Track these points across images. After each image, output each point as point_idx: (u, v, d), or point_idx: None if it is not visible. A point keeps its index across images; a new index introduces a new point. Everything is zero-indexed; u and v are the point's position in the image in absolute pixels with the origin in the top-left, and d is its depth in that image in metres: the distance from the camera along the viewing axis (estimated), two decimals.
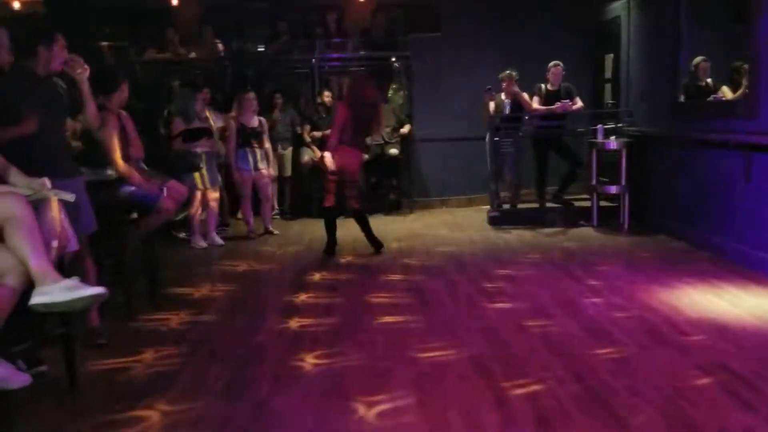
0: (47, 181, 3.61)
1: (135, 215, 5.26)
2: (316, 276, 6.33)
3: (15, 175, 3.54)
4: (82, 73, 4.26)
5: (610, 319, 4.82)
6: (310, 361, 4.19)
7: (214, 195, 7.77)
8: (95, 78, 5.10)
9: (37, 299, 3.10)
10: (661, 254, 6.81)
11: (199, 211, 7.72)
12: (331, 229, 7.14)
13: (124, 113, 5.33)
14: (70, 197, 3.61)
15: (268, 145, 8.27)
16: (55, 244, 3.48)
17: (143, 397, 3.71)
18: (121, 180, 5.10)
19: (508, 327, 4.75)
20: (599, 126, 8.35)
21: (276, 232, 8.35)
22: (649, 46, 8.43)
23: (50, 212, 3.48)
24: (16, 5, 9.76)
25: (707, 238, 6.74)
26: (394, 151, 9.63)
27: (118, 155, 5.08)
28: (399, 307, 5.27)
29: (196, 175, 7.46)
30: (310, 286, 5.96)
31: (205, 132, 7.58)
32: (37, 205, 3.40)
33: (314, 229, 7.90)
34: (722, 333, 4.48)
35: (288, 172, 9.51)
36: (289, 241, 8.00)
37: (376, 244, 7.20)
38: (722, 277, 5.80)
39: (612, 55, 9.67)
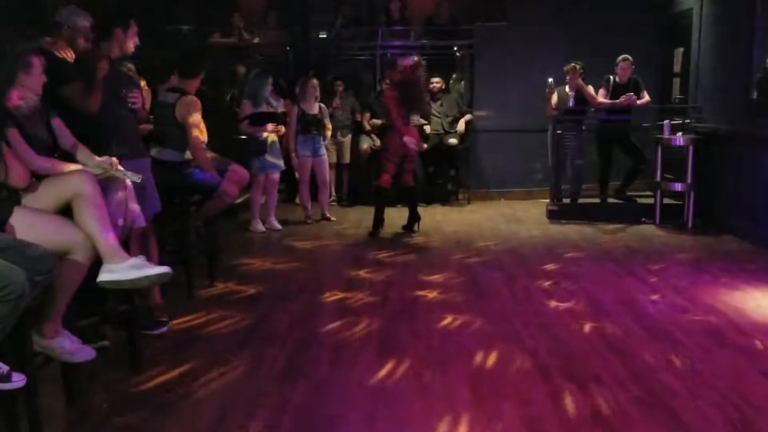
0: (115, 161, 3.70)
1: (198, 198, 5.36)
2: (372, 264, 6.33)
3: (84, 154, 3.63)
4: (136, 103, 4.37)
5: (672, 320, 4.71)
6: (365, 348, 4.21)
7: (274, 179, 7.85)
8: (180, 61, 5.25)
9: (105, 276, 3.18)
10: (727, 255, 6.61)
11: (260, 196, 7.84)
12: (381, 208, 7.46)
13: None
14: (137, 178, 3.69)
15: (329, 131, 8.37)
16: (121, 222, 3.57)
17: (203, 374, 3.79)
18: (186, 163, 5.20)
19: (566, 323, 4.68)
20: (666, 121, 8.13)
21: (333, 218, 8.40)
22: (721, 41, 8.16)
23: (118, 191, 3.57)
24: None
25: None
26: (453, 140, 9.56)
27: (199, 141, 5.17)
28: (455, 298, 5.24)
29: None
30: (366, 274, 5.97)
31: (273, 117, 7.64)
32: (106, 184, 3.48)
33: (371, 216, 7.90)
34: None
35: (346, 159, 9.54)
36: (346, 227, 8.04)
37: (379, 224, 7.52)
38: None
39: (682, 49, 9.40)
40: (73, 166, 3.43)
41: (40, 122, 3.49)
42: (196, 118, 5.14)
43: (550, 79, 8.53)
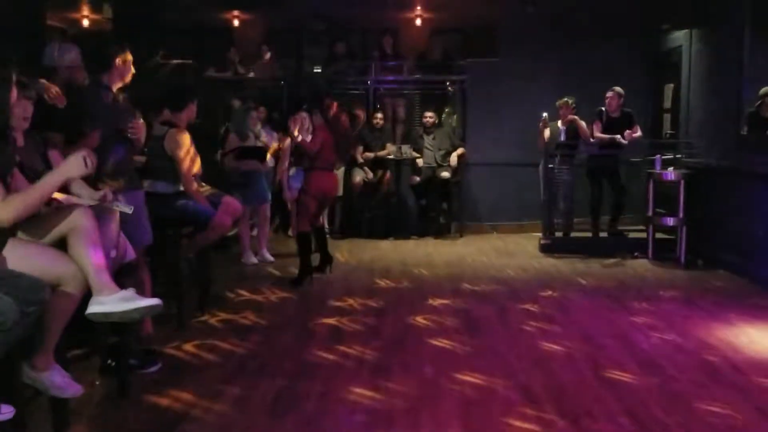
0: (109, 193, 3.70)
1: (190, 229, 5.36)
2: (364, 296, 6.29)
3: (78, 185, 3.64)
4: (137, 134, 4.38)
5: (664, 354, 4.70)
6: (356, 381, 4.18)
7: (265, 212, 7.85)
8: (166, 95, 5.29)
9: (94, 308, 3.15)
10: (720, 290, 6.62)
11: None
12: (308, 254, 6.81)
13: None
14: (128, 210, 3.69)
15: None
16: (113, 254, 3.56)
17: (193, 406, 3.75)
18: (178, 195, 5.21)
19: (559, 357, 4.67)
20: (657, 156, 8.20)
21: None
22: (711, 77, 8.27)
23: (111, 223, 3.56)
24: (86, 23, 10.12)
25: None
26: (445, 174, 9.61)
27: (189, 173, 5.19)
28: (447, 331, 5.23)
29: None
30: (358, 307, 5.94)
31: (259, 152, 7.67)
32: (99, 215, 3.48)
33: (364, 247, 7.92)
34: None
35: (339, 191, 9.55)
36: (339, 259, 8.02)
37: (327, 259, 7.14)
38: None
39: (672, 85, 9.52)
40: (70, 200, 3.44)
41: (35, 153, 3.50)
42: (185, 150, 5.17)
43: (545, 114, 8.61)
